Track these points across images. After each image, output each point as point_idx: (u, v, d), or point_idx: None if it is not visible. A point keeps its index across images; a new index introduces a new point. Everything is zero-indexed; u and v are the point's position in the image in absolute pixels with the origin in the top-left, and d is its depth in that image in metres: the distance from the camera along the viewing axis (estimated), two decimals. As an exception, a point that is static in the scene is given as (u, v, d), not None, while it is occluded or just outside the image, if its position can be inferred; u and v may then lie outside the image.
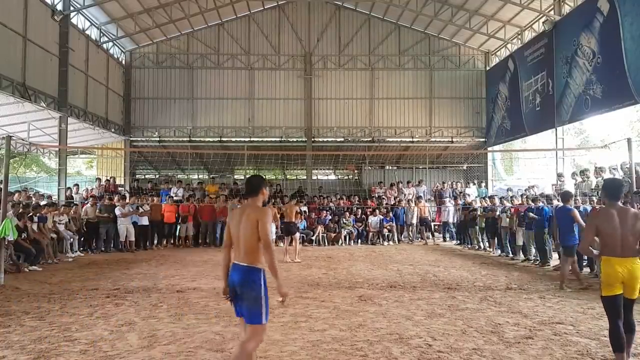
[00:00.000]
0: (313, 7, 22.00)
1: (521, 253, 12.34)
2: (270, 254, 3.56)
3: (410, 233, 17.37)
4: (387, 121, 22.19)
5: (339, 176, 24.61)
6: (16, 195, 12.47)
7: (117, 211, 13.82)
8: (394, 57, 22.17)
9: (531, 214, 11.59)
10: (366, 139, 22.03)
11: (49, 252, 11.24)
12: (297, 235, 12.42)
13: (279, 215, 14.39)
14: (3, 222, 8.34)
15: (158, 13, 19.16)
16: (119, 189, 18.24)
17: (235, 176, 23.05)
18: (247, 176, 4.14)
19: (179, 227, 15.72)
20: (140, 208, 14.59)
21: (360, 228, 16.96)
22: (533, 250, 11.92)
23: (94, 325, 5.61)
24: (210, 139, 21.96)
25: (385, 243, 16.53)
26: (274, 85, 22.01)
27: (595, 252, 4.45)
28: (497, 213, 13.51)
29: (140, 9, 18.64)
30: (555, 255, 11.61)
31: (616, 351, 4.17)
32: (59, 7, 15.41)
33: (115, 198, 14.50)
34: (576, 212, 8.46)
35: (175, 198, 16.28)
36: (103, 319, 5.91)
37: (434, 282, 8.75)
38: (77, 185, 16.41)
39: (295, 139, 22.05)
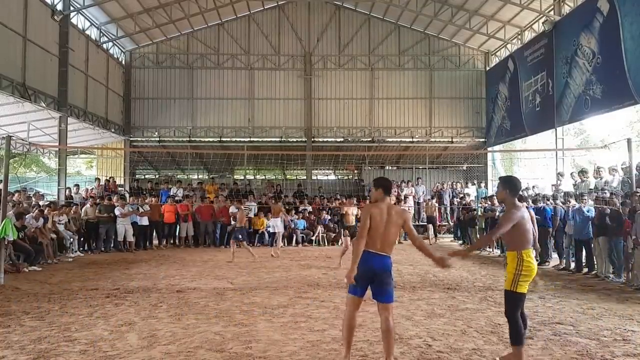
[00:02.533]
0: (313, 7, 22.00)
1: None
2: (421, 243, 4.40)
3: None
4: (387, 121, 22.19)
5: (339, 176, 24.61)
6: (16, 195, 12.48)
7: (117, 212, 13.82)
8: (393, 57, 22.17)
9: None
10: (366, 139, 22.02)
11: (49, 252, 11.23)
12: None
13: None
14: (3, 222, 8.35)
15: (158, 13, 19.15)
16: (119, 189, 18.23)
17: (235, 176, 23.05)
18: (379, 177, 4.59)
19: (178, 227, 15.72)
20: (140, 208, 14.61)
21: (360, 228, 16.95)
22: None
23: (93, 325, 5.61)
24: (210, 139, 21.96)
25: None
26: (274, 85, 22.01)
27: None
28: (497, 213, 13.51)
29: (140, 9, 18.63)
30: (554, 255, 11.62)
31: (520, 344, 4.25)
32: (59, 7, 15.40)
33: (115, 198, 14.50)
34: None
35: (176, 198, 16.31)
36: (103, 319, 5.90)
37: (433, 282, 8.75)
38: (77, 185, 16.41)
39: (295, 139, 22.04)
